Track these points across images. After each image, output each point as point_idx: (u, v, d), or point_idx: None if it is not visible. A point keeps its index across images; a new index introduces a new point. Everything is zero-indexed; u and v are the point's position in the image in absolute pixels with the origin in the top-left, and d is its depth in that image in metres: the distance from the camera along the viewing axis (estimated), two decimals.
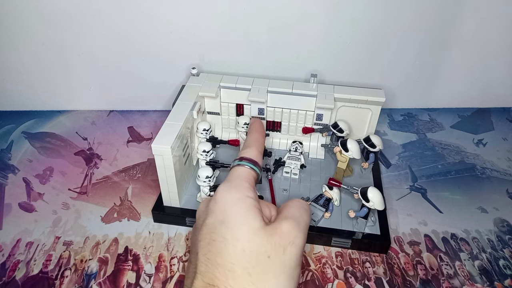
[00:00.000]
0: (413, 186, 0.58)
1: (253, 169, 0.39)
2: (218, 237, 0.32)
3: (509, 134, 0.68)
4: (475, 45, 0.65)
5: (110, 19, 0.60)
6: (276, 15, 0.60)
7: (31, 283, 0.45)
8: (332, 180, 0.50)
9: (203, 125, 0.54)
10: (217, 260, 0.31)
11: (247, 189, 0.35)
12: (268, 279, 0.30)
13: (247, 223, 0.32)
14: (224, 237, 0.31)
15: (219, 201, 0.34)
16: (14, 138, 0.66)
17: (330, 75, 0.67)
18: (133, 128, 0.69)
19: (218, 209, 0.34)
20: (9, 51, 0.64)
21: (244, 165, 0.39)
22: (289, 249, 0.32)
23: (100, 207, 0.54)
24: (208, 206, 0.35)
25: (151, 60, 0.65)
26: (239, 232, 0.32)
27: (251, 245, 0.31)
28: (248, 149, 0.41)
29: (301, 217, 0.35)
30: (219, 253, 0.31)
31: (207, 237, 0.32)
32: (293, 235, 0.32)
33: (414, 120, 0.71)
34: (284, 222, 0.33)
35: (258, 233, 0.32)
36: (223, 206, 0.34)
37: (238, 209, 0.33)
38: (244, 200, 0.34)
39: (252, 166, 0.39)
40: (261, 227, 0.32)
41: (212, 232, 0.32)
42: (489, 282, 0.46)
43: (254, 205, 0.34)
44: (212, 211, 0.34)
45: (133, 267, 0.47)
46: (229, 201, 0.34)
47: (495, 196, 0.57)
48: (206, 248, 0.32)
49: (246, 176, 0.37)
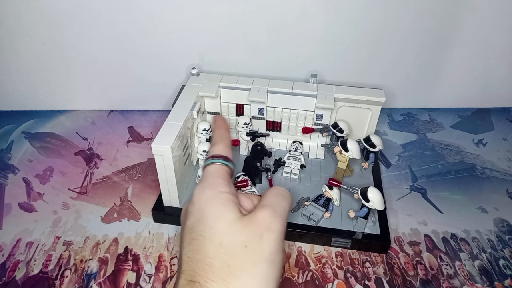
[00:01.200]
0: (413, 186, 0.58)
1: (225, 164, 0.39)
2: (197, 235, 0.32)
3: (509, 134, 0.68)
4: (475, 45, 0.65)
5: (110, 19, 0.60)
6: (276, 15, 0.60)
7: (31, 283, 0.45)
8: (332, 180, 0.50)
9: (203, 125, 0.54)
10: (196, 257, 0.31)
11: (220, 185, 0.36)
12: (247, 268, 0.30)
13: (223, 217, 0.33)
14: (202, 234, 0.32)
15: (195, 202, 0.35)
16: (14, 138, 0.66)
17: (330, 75, 0.67)
18: (133, 128, 0.69)
19: (195, 209, 0.34)
20: (9, 51, 0.64)
21: (215, 163, 0.39)
22: (266, 235, 0.32)
23: (100, 207, 0.54)
24: (187, 209, 0.36)
25: (151, 60, 0.65)
26: (215, 227, 0.32)
27: (227, 238, 0.31)
28: (215, 146, 0.41)
29: (278, 203, 0.35)
30: (198, 250, 0.31)
31: (187, 237, 0.33)
32: (269, 221, 0.32)
33: (414, 120, 0.71)
34: (260, 210, 0.33)
35: (234, 225, 0.32)
36: (199, 206, 0.34)
37: (213, 205, 0.34)
38: (218, 196, 0.34)
39: (223, 162, 0.39)
40: (237, 218, 0.33)
41: (191, 232, 0.33)
42: (489, 282, 0.46)
43: (229, 199, 0.34)
44: (190, 213, 0.34)
45: (133, 267, 0.47)
46: (204, 200, 0.34)
47: (495, 196, 0.57)
48: (187, 248, 0.32)
49: (218, 173, 0.38)
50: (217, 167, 0.38)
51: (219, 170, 0.38)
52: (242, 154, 0.60)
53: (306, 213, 0.50)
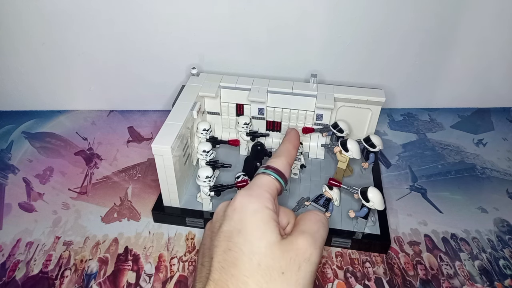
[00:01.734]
0: (413, 186, 0.58)
1: (278, 180, 0.37)
2: (235, 247, 0.31)
3: (509, 134, 0.68)
4: (475, 45, 0.65)
5: (110, 19, 0.60)
6: (276, 15, 0.60)
7: (31, 283, 0.45)
8: (332, 180, 0.50)
9: (203, 125, 0.54)
10: (231, 270, 0.30)
11: (267, 200, 0.34)
12: None
13: (265, 237, 0.32)
14: (241, 249, 0.31)
15: (238, 209, 0.34)
16: (14, 138, 0.66)
17: (330, 75, 0.67)
18: (133, 128, 0.69)
19: (237, 217, 0.33)
20: (9, 51, 0.64)
21: (270, 175, 0.37)
22: (303, 266, 0.31)
23: (100, 207, 0.54)
24: (226, 211, 0.34)
25: (151, 60, 0.65)
26: (256, 245, 0.31)
27: (266, 260, 0.31)
28: (277, 158, 0.39)
29: (318, 232, 0.34)
30: (234, 264, 0.31)
31: (223, 244, 0.32)
32: (309, 252, 0.32)
33: (414, 120, 0.71)
34: (300, 237, 0.33)
35: (274, 248, 0.31)
36: (242, 215, 0.33)
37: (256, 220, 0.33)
38: (263, 212, 0.33)
39: (277, 177, 0.37)
40: (277, 241, 0.32)
41: (228, 240, 0.32)
42: (489, 282, 0.46)
43: (272, 218, 0.33)
44: (230, 218, 0.33)
45: (133, 267, 0.47)
46: (248, 210, 0.33)
47: (495, 196, 0.57)
48: (221, 256, 0.32)
49: (268, 186, 0.36)
50: (270, 180, 0.37)
51: (270, 184, 0.37)
52: (242, 154, 0.60)
53: None
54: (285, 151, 0.41)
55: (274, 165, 0.38)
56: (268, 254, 0.31)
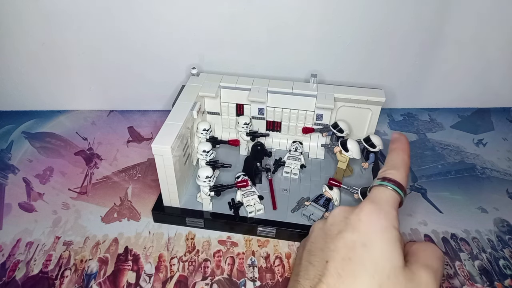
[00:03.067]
0: (413, 186, 0.58)
1: (399, 194, 0.37)
2: (356, 259, 0.31)
3: (509, 134, 0.68)
4: (475, 45, 0.65)
5: (110, 19, 0.60)
6: (276, 15, 0.60)
7: (31, 283, 0.45)
8: (332, 180, 0.50)
9: (203, 125, 0.54)
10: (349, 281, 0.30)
11: (394, 219, 0.34)
12: None
13: (391, 259, 0.31)
14: (363, 263, 0.31)
15: (365, 221, 0.33)
16: (14, 138, 0.66)
17: (330, 75, 0.67)
18: (133, 128, 0.69)
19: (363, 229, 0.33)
20: (9, 51, 0.64)
21: (393, 189, 0.36)
22: None
23: (100, 207, 0.54)
24: (349, 218, 0.34)
25: (151, 60, 0.65)
26: (381, 265, 0.31)
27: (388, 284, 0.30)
28: (395, 170, 0.38)
29: (439, 270, 0.34)
30: (354, 276, 0.30)
31: (342, 251, 0.32)
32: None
33: (414, 120, 0.71)
34: (424, 271, 0.32)
35: (398, 274, 0.31)
36: (369, 229, 0.33)
37: (384, 240, 0.32)
38: (391, 232, 0.33)
39: (399, 191, 0.37)
40: (402, 267, 0.31)
41: (350, 250, 0.32)
42: (489, 282, 0.46)
43: (399, 240, 0.33)
44: (354, 228, 0.33)
45: (133, 267, 0.47)
46: (376, 226, 0.33)
47: (495, 196, 0.57)
48: (339, 263, 0.31)
49: (393, 203, 0.36)
50: (393, 195, 0.36)
51: (394, 199, 0.36)
52: (242, 154, 0.60)
53: (306, 213, 0.50)
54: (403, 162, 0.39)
55: (394, 178, 0.37)
56: (391, 278, 0.30)
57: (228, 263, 0.47)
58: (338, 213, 0.36)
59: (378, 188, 0.37)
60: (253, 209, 0.50)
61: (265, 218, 0.50)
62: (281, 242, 0.49)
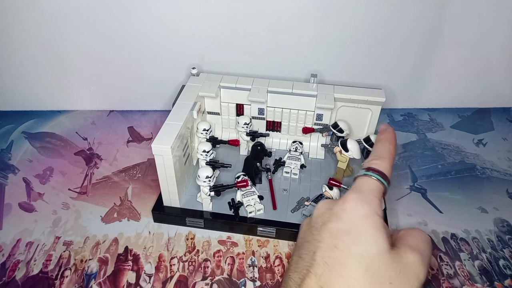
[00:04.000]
0: (413, 186, 0.58)
1: (383, 184, 0.37)
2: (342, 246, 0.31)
3: (509, 134, 0.68)
4: (475, 45, 0.65)
5: (110, 19, 0.60)
6: (276, 15, 0.60)
7: (31, 283, 0.45)
8: (332, 180, 0.50)
9: (203, 125, 0.54)
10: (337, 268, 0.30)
11: (377, 206, 0.34)
12: None
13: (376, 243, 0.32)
14: (349, 249, 0.31)
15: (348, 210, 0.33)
16: (14, 138, 0.66)
17: (330, 75, 0.67)
18: (133, 128, 0.69)
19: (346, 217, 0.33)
20: (9, 51, 0.64)
21: (376, 178, 0.37)
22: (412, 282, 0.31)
23: (100, 207, 0.54)
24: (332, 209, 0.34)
25: (151, 60, 0.65)
26: (366, 250, 0.31)
27: (375, 267, 0.30)
28: (380, 160, 0.39)
29: (426, 252, 0.34)
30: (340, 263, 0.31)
31: (328, 241, 0.32)
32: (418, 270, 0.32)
33: (414, 120, 0.71)
34: (410, 252, 0.32)
35: (384, 257, 0.31)
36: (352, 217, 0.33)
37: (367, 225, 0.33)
38: (374, 218, 0.33)
39: (383, 181, 0.37)
40: (387, 250, 0.32)
41: (335, 239, 0.32)
42: (489, 282, 0.46)
43: (383, 225, 0.33)
44: (337, 217, 0.33)
45: (133, 267, 0.47)
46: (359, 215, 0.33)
47: (495, 196, 0.57)
48: (326, 252, 0.32)
49: (377, 191, 0.36)
50: (377, 185, 0.37)
51: (377, 188, 0.36)
52: (242, 154, 0.60)
53: (306, 213, 0.50)
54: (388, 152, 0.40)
55: (379, 168, 0.38)
56: (377, 261, 0.31)
57: (228, 263, 0.47)
58: (322, 206, 0.37)
59: (362, 178, 0.37)
60: (253, 209, 0.50)
61: (265, 218, 0.50)
62: (281, 242, 0.49)
